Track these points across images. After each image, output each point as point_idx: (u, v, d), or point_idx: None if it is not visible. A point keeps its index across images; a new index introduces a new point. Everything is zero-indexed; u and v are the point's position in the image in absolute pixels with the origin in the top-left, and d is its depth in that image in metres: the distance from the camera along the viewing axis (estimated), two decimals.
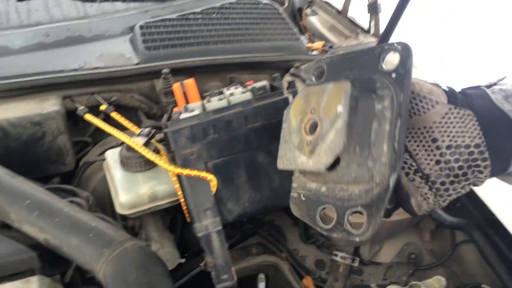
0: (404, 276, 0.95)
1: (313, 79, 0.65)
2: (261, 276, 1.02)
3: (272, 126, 0.78)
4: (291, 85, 0.83)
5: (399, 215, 0.94)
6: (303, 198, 0.59)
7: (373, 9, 1.35)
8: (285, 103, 0.78)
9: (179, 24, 1.19)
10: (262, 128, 0.78)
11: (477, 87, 0.57)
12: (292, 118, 0.59)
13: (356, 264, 1.01)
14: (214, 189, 0.77)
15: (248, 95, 0.83)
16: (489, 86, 0.57)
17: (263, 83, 0.86)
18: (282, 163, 0.59)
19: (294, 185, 0.62)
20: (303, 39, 1.46)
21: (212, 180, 0.77)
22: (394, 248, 1.04)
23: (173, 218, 1.01)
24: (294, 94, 0.81)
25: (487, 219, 0.86)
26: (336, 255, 1.01)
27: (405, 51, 0.51)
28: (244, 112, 0.77)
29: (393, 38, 1.16)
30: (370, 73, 0.55)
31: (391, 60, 0.53)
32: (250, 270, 1.09)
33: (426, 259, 1.02)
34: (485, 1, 3.73)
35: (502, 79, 0.58)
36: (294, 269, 1.06)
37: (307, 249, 1.07)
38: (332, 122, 0.50)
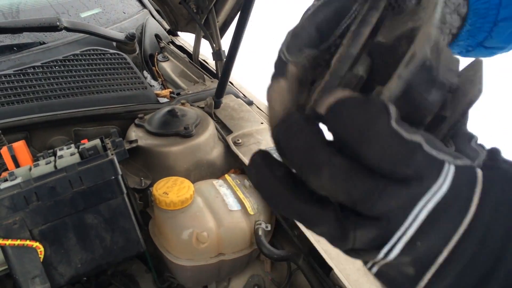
0: None
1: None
2: None
3: (98, 188, 0.81)
4: (118, 144, 0.88)
5: (239, 252, 1.03)
6: None
7: (218, 56, 1.46)
8: (110, 164, 0.82)
9: (16, 79, 1.16)
10: (88, 191, 0.81)
11: None
12: None
13: None
14: (42, 256, 0.78)
15: (76, 158, 0.85)
16: None
17: (94, 142, 0.89)
18: None
19: None
20: (156, 84, 1.52)
21: (39, 247, 0.77)
22: (241, 281, 1.12)
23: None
24: (121, 155, 0.85)
25: (310, 249, 0.98)
26: None
27: None
28: (68, 177, 0.79)
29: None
30: None
31: None
32: None
33: None
34: None
35: None
36: None
37: None
38: None
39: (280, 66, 0.31)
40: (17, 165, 0.90)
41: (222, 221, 0.98)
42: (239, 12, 1.19)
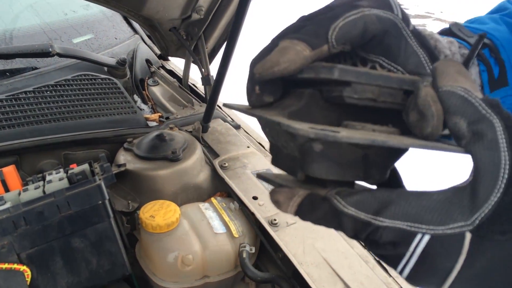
0: None
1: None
2: None
3: (85, 212, 0.84)
4: (106, 169, 0.90)
5: (224, 274, 1.05)
6: None
7: (206, 81, 1.50)
8: (98, 189, 0.85)
9: (8, 104, 1.19)
10: (75, 215, 0.83)
11: None
12: None
13: None
14: (29, 279, 0.80)
15: (64, 183, 0.88)
16: None
17: (83, 167, 0.92)
18: None
19: None
20: (146, 108, 1.56)
21: (26, 271, 0.79)
22: None
23: None
24: (108, 180, 0.88)
25: (293, 272, 1.01)
26: None
27: None
28: (56, 202, 0.82)
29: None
30: None
31: None
32: None
33: None
34: None
35: None
36: None
37: None
38: None
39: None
40: (6, 189, 0.92)
41: (207, 244, 1.00)
42: (227, 40, 1.23)
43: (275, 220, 1.05)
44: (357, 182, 0.36)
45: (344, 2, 0.36)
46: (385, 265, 0.99)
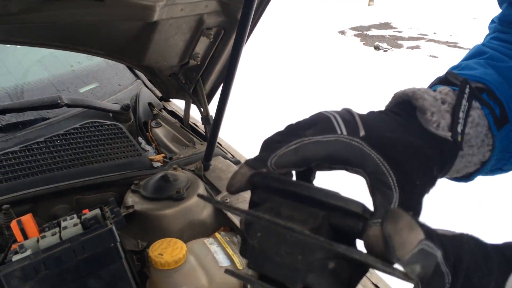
0: None
1: None
2: None
3: (99, 255, 0.91)
4: (116, 213, 0.98)
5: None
6: None
7: (206, 120, 1.59)
8: (110, 233, 0.92)
9: (22, 155, 1.28)
10: (90, 258, 0.90)
11: None
12: None
13: None
14: None
15: (78, 228, 0.95)
16: None
17: (94, 212, 1.00)
18: None
19: None
20: (150, 149, 1.64)
21: None
22: None
23: None
24: (119, 223, 0.95)
25: None
26: None
27: None
28: (72, 247, 0.89)
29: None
30: None
31: None
32: None
33: None
34: None
35: None
36: None
37: None
38: None
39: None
40: (25, 237, 1.00)
41: (213, 277, 1.07)
42: (223, 82, 1.33)
43: None
44: None
45: (293, 133, 0.47)
46: None
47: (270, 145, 0.47)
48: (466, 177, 0.64)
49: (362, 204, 0.40)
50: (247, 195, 1.33)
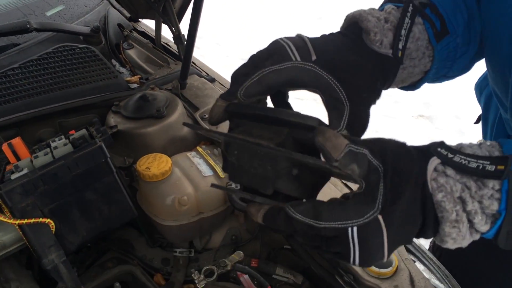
0: (227, 254, 1.25)
1: None
2: (116, 284, 1.22)
3: (92, 169, 0.98)
4: (103, 132, 1.04)
5: (216, 209, 1.23)
6: None
7: (178, 40, 1.60)
8: (100, 149, 0.99)
9: None
10: (84, 173, 0.98)
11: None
12: None
13: (192, 254, 1.27)
14: (53, 229, 0.96)
15: (69, 147, 1.01)
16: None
17: (81, 132, 1.06)
18: None
19: None
20: (125, 71, 1.66)
21: (50, 223, 0.95)
22: (220, 234, 1.31)
23: (29, 256, 1.16)
24: (107, 140, 1.02)
25: None
26: (176, 251, 1.26)
27: None
28: (66, 164, 0.96)
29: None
30: None
31: None
32: (110, 281, 1.27)
33: (244, 237, 1.32)
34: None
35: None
36: (146, 271, 1.28)
37: (153, 252, 1.30)
38: None
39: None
40: (17, 158, 1.06)
41: (198, 186, 1.17)
42: None
43: None
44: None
45: (255, 64, 0.55)
46: None
47: (238, 78, 0.56)
48: (413, 85, 0.73)
49: (318, 119, 0.49)
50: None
